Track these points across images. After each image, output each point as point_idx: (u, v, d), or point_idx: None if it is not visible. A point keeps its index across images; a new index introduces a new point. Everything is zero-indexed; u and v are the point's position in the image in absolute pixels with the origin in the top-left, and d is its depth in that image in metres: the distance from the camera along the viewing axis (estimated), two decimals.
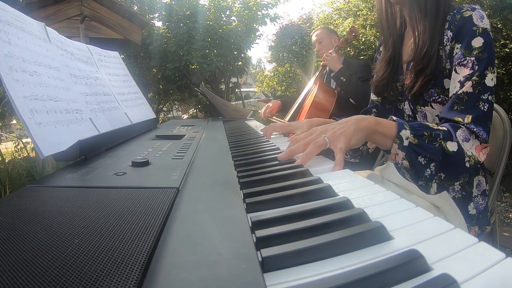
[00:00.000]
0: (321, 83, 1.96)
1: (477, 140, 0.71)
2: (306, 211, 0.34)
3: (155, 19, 5.60)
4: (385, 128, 0.67)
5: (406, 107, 0.93)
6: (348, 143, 0.61)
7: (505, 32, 2.60)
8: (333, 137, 0.61)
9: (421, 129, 0.67)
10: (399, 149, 0.66)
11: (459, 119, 0.71)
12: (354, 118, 0.65)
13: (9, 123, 5.79)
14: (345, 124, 0.64)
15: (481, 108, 0.71)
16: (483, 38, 0.73)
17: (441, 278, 0.22)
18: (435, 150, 0.66)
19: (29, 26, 0.67)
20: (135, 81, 1.20)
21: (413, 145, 0.65)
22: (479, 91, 0.71)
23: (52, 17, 2.86)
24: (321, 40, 2.19)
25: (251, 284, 0.22)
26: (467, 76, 0.73)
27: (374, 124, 0.66)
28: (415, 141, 0.66)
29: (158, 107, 5.76)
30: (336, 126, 0.63)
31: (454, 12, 0.79)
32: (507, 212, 2.51)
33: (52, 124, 0.59)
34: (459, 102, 0.73)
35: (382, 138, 0.67)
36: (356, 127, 0.63)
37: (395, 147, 0.66)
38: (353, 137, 0.62)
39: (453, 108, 0.73)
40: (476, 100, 0.72)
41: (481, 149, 0.71)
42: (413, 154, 0.66)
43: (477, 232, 0.80)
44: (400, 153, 0.66)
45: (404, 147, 0.65)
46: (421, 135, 0.66)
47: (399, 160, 0.67)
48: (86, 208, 0.34)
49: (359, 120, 0.65)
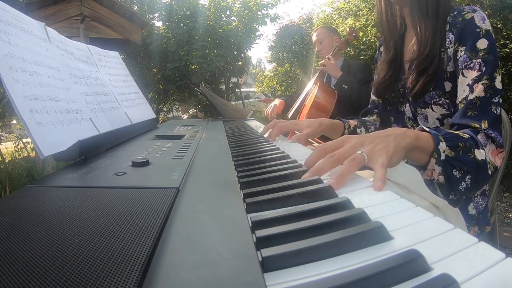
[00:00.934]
0: (321, 83, 1.94)
1: (493, 145, 0.69)
2: (306, 211, 0.34)
3: (155, 19, 5.61)
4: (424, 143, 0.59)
5: (407, 109, 0.93)
6: (390, 161, 0.51)
7: (505, 32, 2.60)
8: (372, 153, 0.51)
9: (455, 140, 0.61)
10: (437, 164, 0.59)
11: (476, 125, 0.69)
12: (393, 133, 0.55)
13: (9, 123, 5.79)
14: (384, 139, 0.53)
15: (494, 112, 0.70)
16: (487, 39, 0.73)
17: (441, 278, 0.22)
18: (470, 161, 0.61)
19: (29, 26, 0.67)
20: (135, 81, 1.20)
21: (450, 158, 0.60)
22: (490, 94, 0.70)
23: (52, 17, 2.86)
24: (322, 40, 2.16)
25: (251, 284, 0.22)
26: (475, 78, 0.72)
27: (415, 139, 0.57)
28: (451, 154, 0.60)
29: (158, 107, 5.76)
30: (374, 140, 0.53)
31: (454, 14, 0.78)
32: (507, 212, 2.51)
33: (52, 124, 0.59)
34: (472, 107, 0.71)
35: (420, 154, 0.59)
36: (398, 144, 0.53)
37: (432, 162, 0.59)
38: (393, 155, 0.52)
39: (466, 114, 0.71)
40: (488, 104, 0.70)
41: (497, 154, 0.69)
42: (449, 168, 0.60)
43: (477, 232, 0.80)
44: (437, 168, 0.60)
45: (441, 161, 0.59)
46: (456, 146, 0.61)
47: (435, 176, 0.60)
48: (86, 208, 0.34)
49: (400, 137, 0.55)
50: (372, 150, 0.51)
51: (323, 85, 1.94)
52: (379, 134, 0.55)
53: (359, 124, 1.06)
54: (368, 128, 1.07)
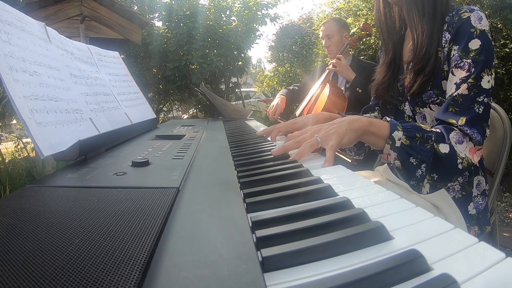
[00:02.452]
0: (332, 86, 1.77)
1: (471, 142, 0.71)
2: (306, 211, 0.34)
3: (155, 19, 5.61)
4: (378, 129, 0.68)
5: (406, 108, 0.93)
6: (339, 142, 0.63)
7: (505, 32, 2.60)
8: (326, 136, 0.63)
9: (414, 131, 0.68)
10: (391, 149, 0.67)
11: (453, 121, 0.72)
12: (348, 118, 0.67)
13: (9, 123, 5.79)
14: (338, 124, 0.66)
15: (476, 110, 0.71)
16: (480, 40, 0.73)
17: (441, 278, 0.22)
18: (426, 151, 0.67)
19: (29, 26, 0.67)
20: (135, 81, 1.20)
21: (405, 146, 0.67)
22: (474, 93, 0.71)
23: (52, 17, 2.86)
24: (331, 35, 1.93)
25: (251, 284, 0.22)
26: (463, 78, 0.73)
27: (367, 125, 0.67)
28: (407, 142, 0.67)
29: (158, 107, 5.76)
30: (330, 126, 0.66)
31: (452, 14, 0.78)
32: (507, 212, 2.51)
33: (52, 124, 0.59)
34: (454, 104, 0.73)
35: (375, 138, 0.68)
36: (349, 127, 0.65)
37: (387, 147, 0.68)
38: (345, 136, 0.64)
39: (448, 110, 0.74)
40: (471, 102, 0.71)
41: (475, 151, 0.71)
42: (404, 155, 0.67)
43: (477, 232, 0.80)
44: (392, 153, 0.68)
45: (396, 148, 0.67)
46: (413, 136, 0.67)
47: (391, 160, 0.69)
48: (86, 208, 0.34)
49: (353, 121, 0.66)
50: (326, 134, 0.64)
51: (334, 88, 1.77)
52: (335, 121, 0.67)
53: None
54: None
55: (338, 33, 1.93)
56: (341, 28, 1.95)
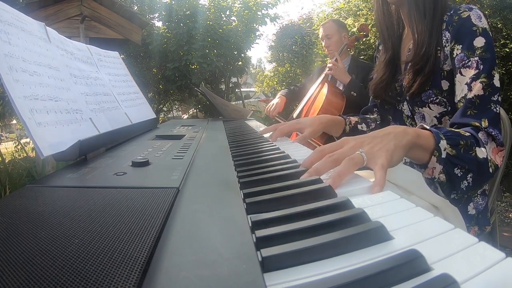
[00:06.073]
0: (330, 86, 1.81)
1: (494, 143, 0.69)
2: (306, 211, 0.34)
3: (155, 19, 5.60)
4: (425, 141, 0.58)
5: (405, 108, 0.93)
6: (390, 161, 0.50)
7: (505, 32, 2.60)
8: (371, 153, 0.50)
9: (456, 138, 0.61)
10: (438, 162, 0.59)
11: (477, 123, 0.68)
12: (393, 132, 0.54)
13: (9, 123, 5.79)
14: (383, 138, 0.53)
15: (493, 110, 0.70)
16: (484, 37, 0.73)
17: (441, 278, 0.22)
18: (472, 159, 0.60)
19: (29, 26, 0.67)
20: (135, 81, 1.20)
21: (450, 157, 0.59)
22: (489, 92, 0.70)
23: (52, 17, 2.86)
24: (331, 35, 1.99)
25: (251, 284, 0.22)
26: (473, 76, 0.72)
27: (415, 137, 0.56)
28: (452, 152, 0.59)
29: (158, 107, 5.76)
30: (373, 140, 0.52)
31: (451, 13, 0.78)
32: (507, 212, 2.51)
33: (52, 124, 0.59)
34: (471, 106, 0.71)
35: (421, 152, 0.58)
36: (398, 142, 0.52)
37: (433, 160, 0.59)
38: (394, 153, 0.51)
39: (466, 113, 0.71)
40: (488, 103, 0.70)
41: (497, 152, 0.69)
42: (450, 166, 0.59)
43: (477, 232, 0.80)
44: (438, 166, 0.59)
45: (442, 160, 0.58)
46: (457, 144, 0.60)
47: (436, 174, 0.60)
48: (86, 208, 0.34)
49: (400, 134, 0.54)
50: (371, 150, 0.50)
51: (332, 88, 1.81)
52: (378, 134, 0.54)
53: (360, 121, 1.06)
54: (369, 125, 1.07)
55: (337, 33, 1.99)
56: (340, 28, 2.02)
